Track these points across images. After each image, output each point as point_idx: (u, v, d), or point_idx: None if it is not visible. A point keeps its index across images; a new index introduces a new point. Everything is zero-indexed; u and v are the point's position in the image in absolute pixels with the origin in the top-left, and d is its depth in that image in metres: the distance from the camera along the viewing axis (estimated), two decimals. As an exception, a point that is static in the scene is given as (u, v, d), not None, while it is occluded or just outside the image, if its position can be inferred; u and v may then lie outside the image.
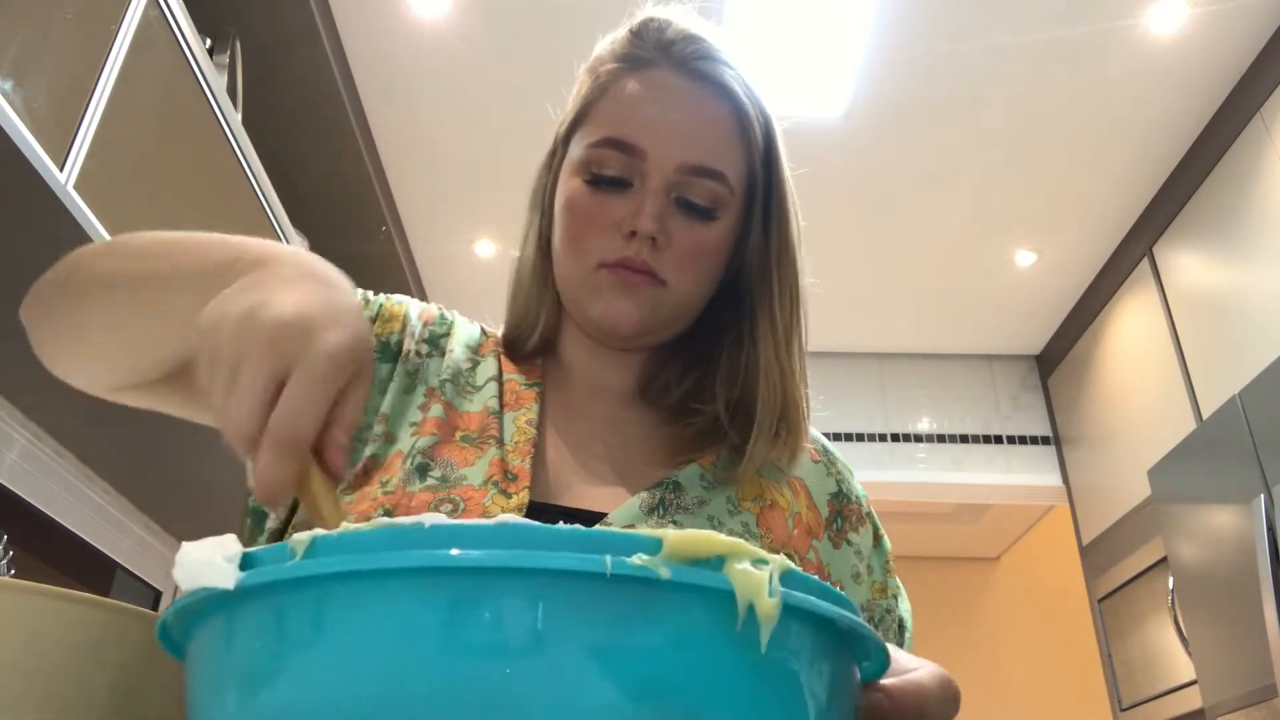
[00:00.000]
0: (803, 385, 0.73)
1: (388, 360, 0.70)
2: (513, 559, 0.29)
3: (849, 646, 0.35)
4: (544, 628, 0.29)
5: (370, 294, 0.74)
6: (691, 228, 0.68)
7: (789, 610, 0.31)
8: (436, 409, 0.67)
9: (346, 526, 0.32)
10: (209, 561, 0.32)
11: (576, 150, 0.70)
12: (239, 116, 1.86)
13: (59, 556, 1.82)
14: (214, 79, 1.68)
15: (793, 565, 0.32)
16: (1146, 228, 2.97)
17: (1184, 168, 2.76)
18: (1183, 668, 2.53)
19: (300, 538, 0.32)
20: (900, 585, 0.75)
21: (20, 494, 1.66)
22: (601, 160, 0.68)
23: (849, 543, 0.72)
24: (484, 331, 0.77)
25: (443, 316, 0.76)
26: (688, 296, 0.69)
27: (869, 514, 0.75)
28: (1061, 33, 2.38)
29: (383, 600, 0.30)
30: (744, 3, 2.35)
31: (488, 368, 0.72)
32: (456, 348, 0.73)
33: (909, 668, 0.39)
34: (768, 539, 0.66)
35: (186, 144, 1.65)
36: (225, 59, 2.01)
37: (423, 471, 0.63)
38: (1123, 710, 2.94)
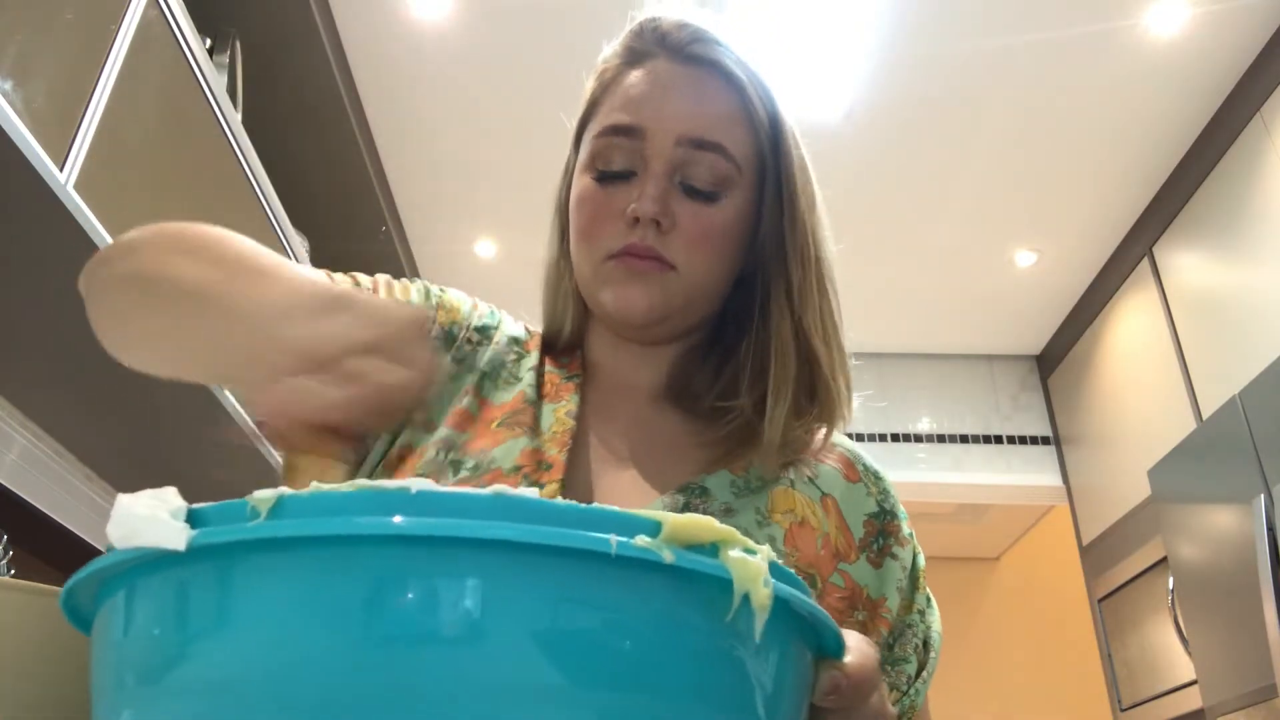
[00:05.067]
0: (834, 354, 0.71)
1: (446, 347, 0.72)
2: (513, 533, 0.27)
3: (812, 635, 0.35)
4: (526, 604, 0.27)
5: (433, 286, 0.76)
6: (698, 209, 0.68)
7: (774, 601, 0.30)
8: (467, 400, 0.69)
9: (318, 486, 0.29)
10: (152, 517, 0.28)
11: (585, 148, 0.72)
12: (239, 116, 1.86)
13: (59, 556, 1.81)
14: (214, 79, 1.68)
15: (774, 557, 0.32)
16: (1146, 228, 2.97)
17: (1184, 168, 2.76)
18: (1183, 668, 2.52)
19: (264, 495, 0.28)
20: (931, 599, 0.73)
21: (20, 494, 1.66)
22: (607, 151, 0.69)
23: (894, 556, 0.70)
24: (528, 330, 0.78)
25: (492, 312, 0.78)
26: (700, 281, 0.69)
27: (910, 535, 0.73)
28: (1061, 33, 2.38)
29: (351, 568, 0.26)
30: (745, 3, 2.35)
31: (531, 360, 0.74)
32: (502, 340, 0.75)
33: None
34: (793, 558, 0.64)
35: (186, 144, 1.65)
36: (225, 59, 2.01)
37: (456, 467, 0.64)
38: (1123, 710, 2.94)
